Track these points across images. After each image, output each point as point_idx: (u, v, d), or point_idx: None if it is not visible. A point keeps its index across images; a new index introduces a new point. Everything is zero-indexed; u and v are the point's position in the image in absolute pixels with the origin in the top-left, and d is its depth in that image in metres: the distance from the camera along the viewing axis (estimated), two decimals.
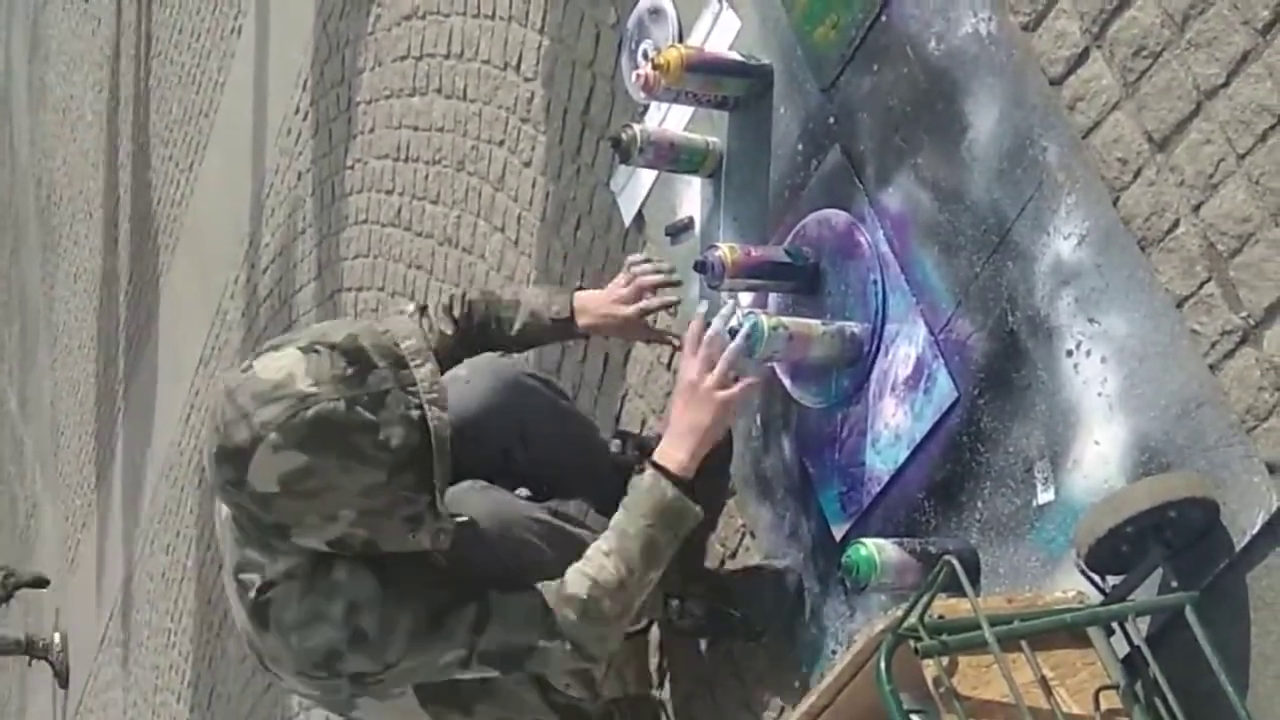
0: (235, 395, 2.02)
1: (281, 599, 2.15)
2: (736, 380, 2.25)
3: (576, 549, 2.29)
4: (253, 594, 2.16)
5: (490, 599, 2.21)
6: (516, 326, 2.50)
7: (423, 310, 2.48)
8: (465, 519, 2.23)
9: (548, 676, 2.40)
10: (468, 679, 2.28)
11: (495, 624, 2.20)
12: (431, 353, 2.13)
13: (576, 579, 2.22)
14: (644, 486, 2.24)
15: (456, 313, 2.49)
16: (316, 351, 2.04)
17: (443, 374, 2.17)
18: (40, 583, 8.38)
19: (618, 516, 2.26)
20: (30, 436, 9.86)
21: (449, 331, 2.46)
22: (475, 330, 2.49)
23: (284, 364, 2.03)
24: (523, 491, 2.50)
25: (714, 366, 2.23)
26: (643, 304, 2.51)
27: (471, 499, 2.31)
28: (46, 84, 9.93)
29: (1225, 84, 1.72)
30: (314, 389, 2.00)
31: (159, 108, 6.82)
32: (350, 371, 2.03)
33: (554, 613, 2.20)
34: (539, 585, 2.22)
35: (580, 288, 2.60)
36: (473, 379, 2.47)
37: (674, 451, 2.25)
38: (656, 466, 2.25)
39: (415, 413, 2.05)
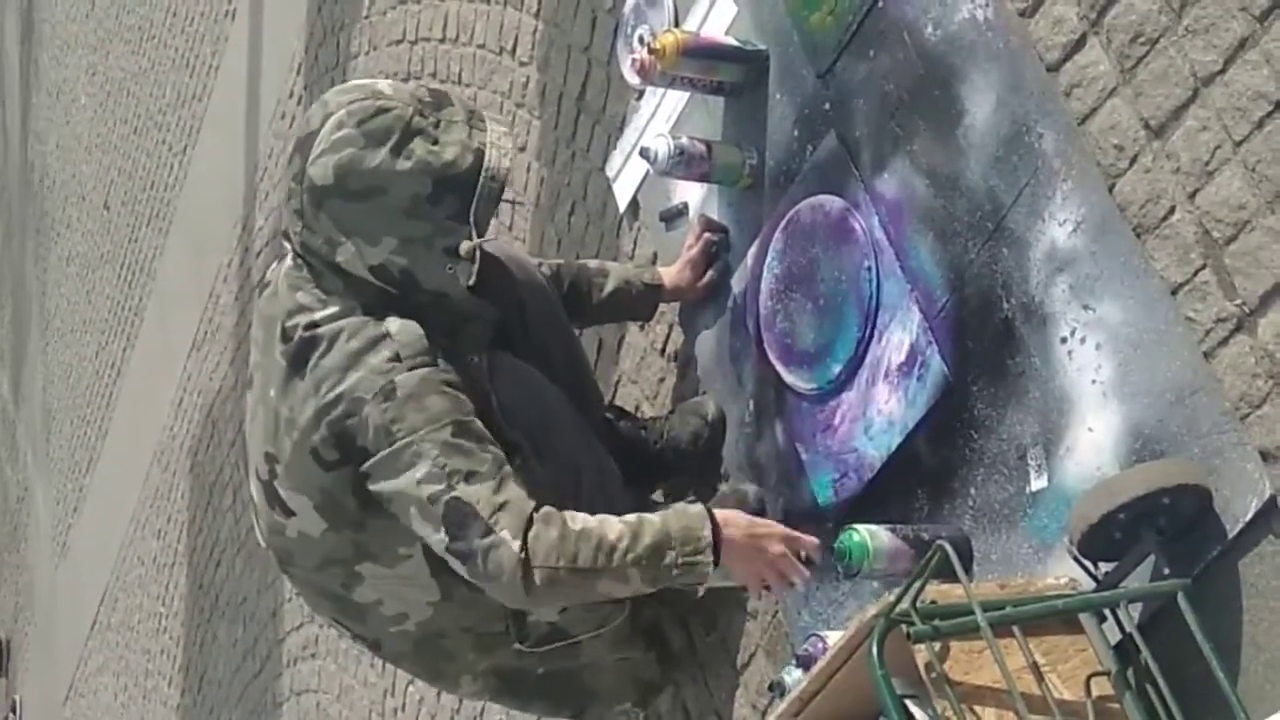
0: (326, 96, 2.24)
1: (327, 339, 2.18)
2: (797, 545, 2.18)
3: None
4: (298, 334, 2.20)
5: (510, 462, 2.13)
6: (607, 290, 2.56)
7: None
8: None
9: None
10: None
11: (487, 482, 2.09)
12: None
13: (583, 515, 2.11)
14: (693, 512, 2.15)
15: (546, 272, 2.52)
16: (407, 81, 2.24)
17: None
18: None
19: (651, 516, 2.14)
20: (22, 420, 9.84)
21: None
22: (566, 291, 2.52)
23: (376, 80, 2.27)
24: None
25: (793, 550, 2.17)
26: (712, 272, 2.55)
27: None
28: (40, 67, 9.90)
29: (1222, 71, 1.71)
30: (391, 96, 2.18)
31: (153, 91, 6.80)
32: (428, 99, 2.20)
33: (535, 522, 2.08)
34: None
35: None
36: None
37: (732, 533, 2.14)
38: (713, 518, 2.14)
39: (476, 143, 2.18)
